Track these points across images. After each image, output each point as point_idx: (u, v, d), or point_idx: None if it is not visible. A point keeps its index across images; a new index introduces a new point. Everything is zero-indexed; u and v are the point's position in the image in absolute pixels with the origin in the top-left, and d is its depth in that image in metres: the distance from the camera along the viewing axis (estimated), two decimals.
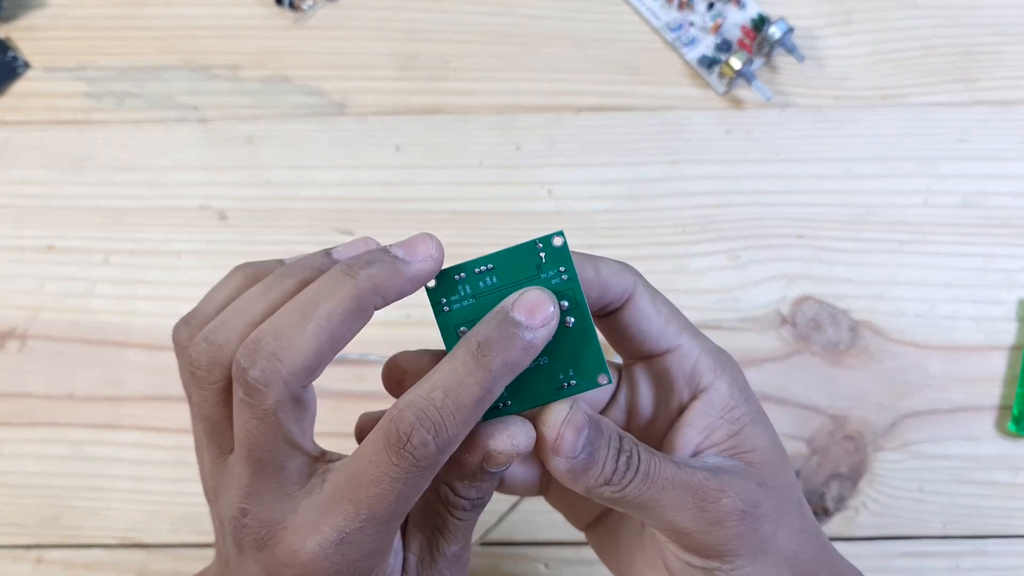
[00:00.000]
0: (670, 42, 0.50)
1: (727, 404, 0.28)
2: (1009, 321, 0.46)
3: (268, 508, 0.25)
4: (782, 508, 0.28)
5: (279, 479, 0.25)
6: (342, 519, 0.24)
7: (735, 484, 0.27)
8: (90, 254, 0.47)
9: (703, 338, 0.30)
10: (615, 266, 0.28)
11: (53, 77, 0.50)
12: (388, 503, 0.24)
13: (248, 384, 0.24)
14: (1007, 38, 0.50)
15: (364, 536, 0.25)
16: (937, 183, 0.48)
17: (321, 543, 0.24)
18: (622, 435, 0.27)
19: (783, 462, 0.29)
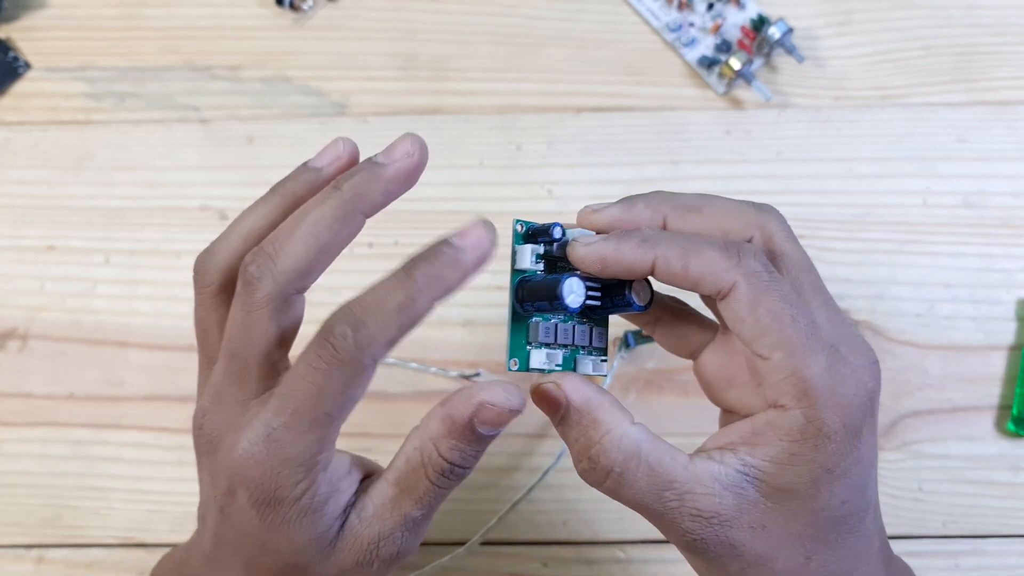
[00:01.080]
0: (670, 42, 0.50)
1: (791, 434, 0.26)
2: (1008, 321, 0.46)
3: (224, 412, 0.27)
4: (772, 552, 0.27)
5: (243, 382, 0.27)
6: (271, 413, 0.26)
7: (709, 523, 0.26)
8: (91, 254, 0.47)
9: (811, 357, 0.26)
10: (714, 262, 0.27)
11: (54, 77, 0.50)
12: (310, 397, 0.25)
13: (245, 278, 0.27)
14: (1007, 38, 0.50)
15: (289, 434, 0.26)
16: (937, 183, 0.48)
17: (251, 439, 0.26)
18: (600, 442, 0.27)
19: (816, 516, 0.27)
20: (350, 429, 0.45)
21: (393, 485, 0.28)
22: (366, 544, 0.28)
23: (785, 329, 0.26)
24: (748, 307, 0.26)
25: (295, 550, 0.27)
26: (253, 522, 0.27)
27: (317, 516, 0.27)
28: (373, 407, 0.44)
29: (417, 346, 0.45)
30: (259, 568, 0.28)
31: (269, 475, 0.26)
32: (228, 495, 0.27)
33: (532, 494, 0.41)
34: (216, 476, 0.27)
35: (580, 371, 0.29)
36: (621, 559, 0.42)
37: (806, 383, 0.26)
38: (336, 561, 0.28)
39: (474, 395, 0.27)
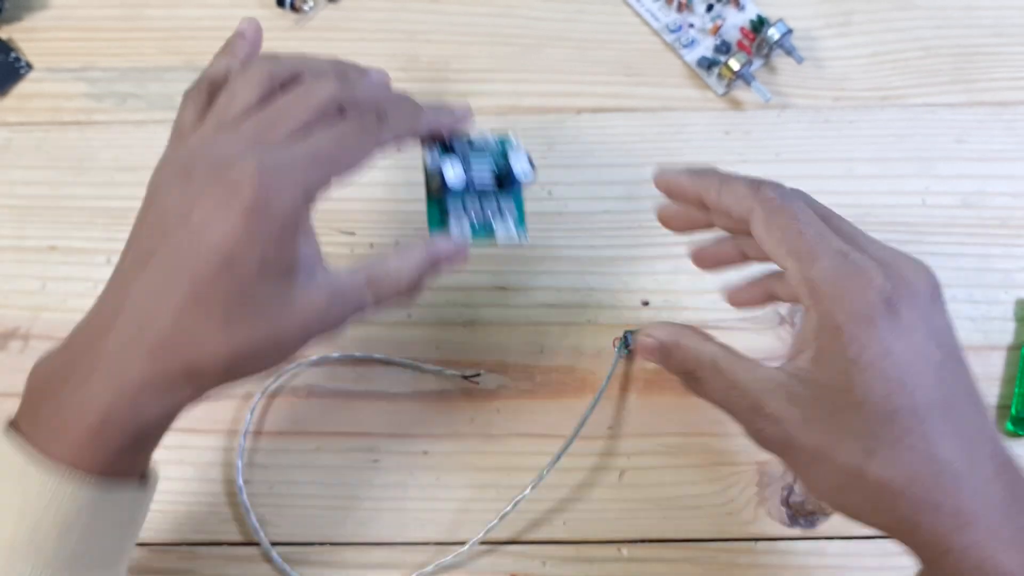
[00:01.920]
0: (669, 43, 0.51)
1: (814, 333, 0.30)
2: (1007, 321, 0.46)
3: (241, 140, 0.33)
4: (828, 445, 0.30)
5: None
6: (300, 148, 0.32)
7: (764, 414, 0.31)
8: (92, 254, 0.47)
9: (817, 260, 0.31)
10: (738, 192, 0.33)
11: (55, 78, 0.50)
12: (333, 141, 0.33)
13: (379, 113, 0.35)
14: (1006, 39, 0.51)
15: (305, 163, 0.32)
16: (936, 184, 0.48)
17: (272, 157, 0.31)
18: (689, 353, 0.34)
19: (861, 410, 0.30)
20: (351, 429, 0.45)
21: (365, 277, 0.34)
22: (320, 301, 0.32)
23: (793, 240, 0.31)
24: (764, 226, 0.32)
25: (264, 269, 0.30)
26: (236, 224, 0.30)
27: (292, 243, 0.31)
28: (373, 407, 0.44)
29: (417, 346, 0.45)
30: (210, 288, 0.30)
31: (276, 186, 0.30)
32: (232, 190, 0.30)
33: (532, 493, 0.41)
34: (215, 182, 0.30)
35: (499, 233, 0.38)
36: (621, 558, 0.42)
37: (812, 283, 0.30)
38: (286, 300, 0.31)
39: (454, 243, 0.36)
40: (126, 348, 0.30)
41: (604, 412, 0.44)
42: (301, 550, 0.42)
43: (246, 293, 0.30)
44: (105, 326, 0.31)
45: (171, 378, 0.30)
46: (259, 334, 0.31)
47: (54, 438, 0.30)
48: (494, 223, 0.38)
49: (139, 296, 0.31)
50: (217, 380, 0.31)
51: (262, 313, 0.31)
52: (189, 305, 0.30)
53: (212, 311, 0.30)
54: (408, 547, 0.42)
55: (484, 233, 0.38)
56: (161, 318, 0.30)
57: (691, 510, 0.43)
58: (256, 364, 0.32)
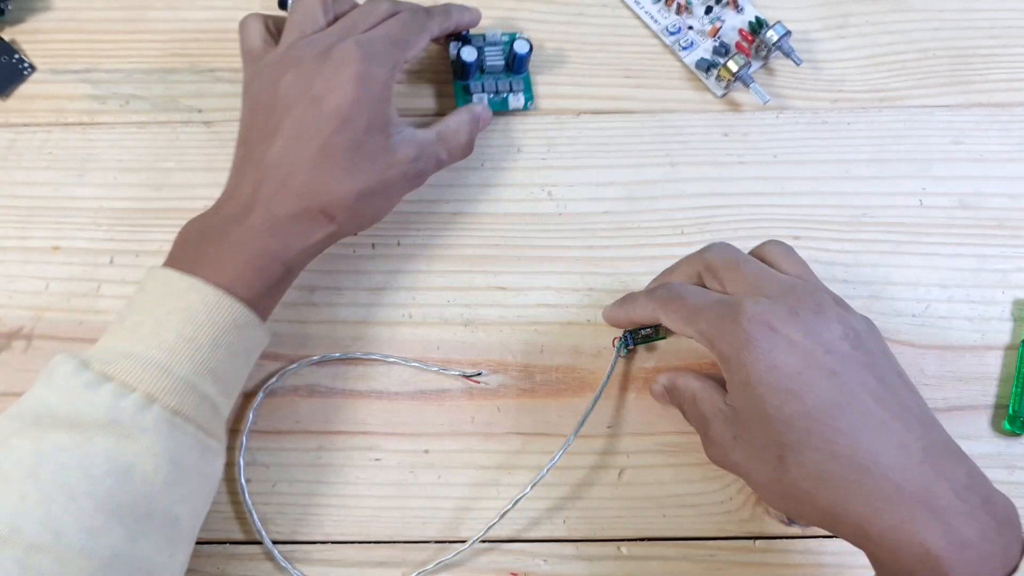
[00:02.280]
0: (668, 45, 0.51)
1: (724, 370, 0.37)
2: (1004, 321, 0.46)
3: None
4: (751, 458, 0.37)
5: None
6: (382, 28, 0.44)
7: (708, 435, 0.39)
8: (95, 255, 0.47)
9: (699, 318, 0.37)
10: (644, 307, 0.41)
11: (59, 79, 0.50)
12: (405, 24, 0.44)
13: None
14: (1002, 41, 0.51)
15: (394, 35, 0.43)
16: (933, 184, 0.48)
17: (369, 36, 0.42)
18: (682, 388, 0.41)
19: (769, 424, 0.35)
20: (352, 428, 0.45)
21: (436, 133, 0.44)
22: (411, 153, 0.42)
23: (684, 315, 0.38)
24: (666, 319, 0.39)
25: (370, 126, 0.40)
26: (348, 91, 0.39)
27: (387, 107, 0.41)
28: (374, 406, 0.44)
29: (418, 345, 0.45)
30: (334, 143, 0.39)
31: (373, 60, 0.40)
32: (340, 64, 0.40)
33: (532, 492, 0.41)
34: (325, 60, 0.40)
35: (511, 104, 0.49)
36: (620, 556, 0.43)
37: (705, 336, 0.36)
38: (388, 152, 0.41)
39: (485, 110, 0.47)
40: (277, 193, 0.39)
41: (604, 411, 0.44)
42: (303, 548, 0.42)
43: (360, 146, 0.40)
44: (254, 183, 0.39)
45: (312, 214, 0.39)
46: (373, 177, 0.40)
47: (216, 270, 0.37)
48: (507, 97, 0.49)
49: (277, 157, 0.39)
50: (346, 216, 0.40)
51: (373, 161, 0.40)
52: (320, 158, 0.39)
53: (338, 161, 0.39)
54: (409, 545, 0.43)
55: (499, 105, 0.49)
56: (301, 169, 0.39)
57: (690, 508, 0.43)
58: (372, 205, 0.41)
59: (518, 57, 0.48)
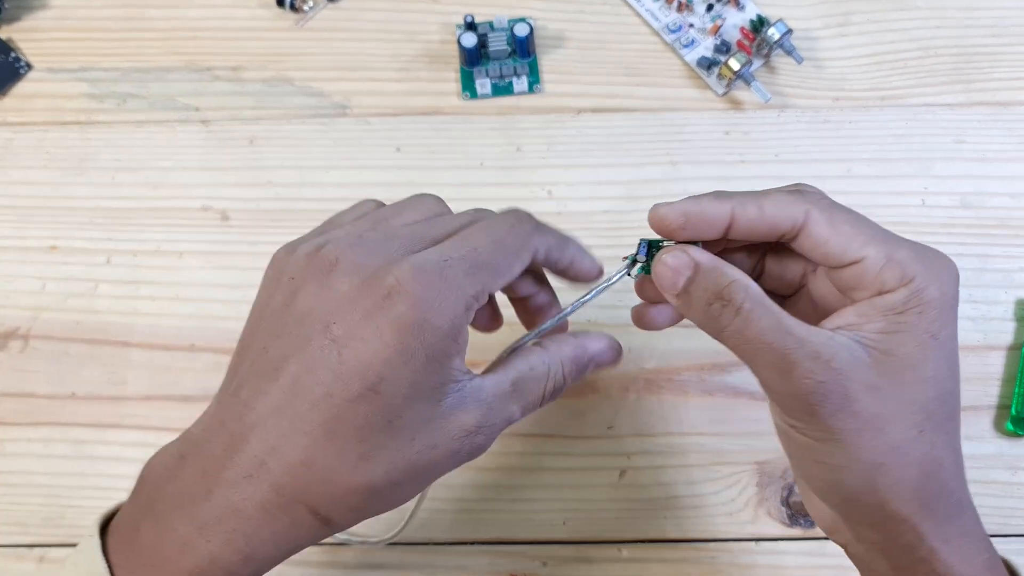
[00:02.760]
0: (669, 43, 0.51)
1: (895, 307, 0.28)
2: (1007, 321, 0.46)
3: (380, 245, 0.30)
4: (886, 416, 0.28)
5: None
6: (447, 247, 0.29)
7: (828, 366, 0.28)
8: (93, 254, 0.47)
9: (898, 245, 0.29)
10: (783, 200, 0.30)
11: (56, 78, 0.50)
12: (491, 243, 0.30)
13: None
14: (1005, 39, 0.51)
15: (463, 266, 0.28)
16: (935, 184, 0.48)
17: (424, 259, 0.28)
18: (733, 284, 0.29)
19: (926, 386, 0.29)
20: None
21: (511, 383, 0.30)
22: (467, 427, 0.28)
23: (868, 229, 0.29)
24: (827, 225, 0.29)
25: (413, 392, 0.27)
26: (388, 344, 0.26)
27: (447, 362, 0.27)
28: None
29: None
30: (350, 415, 0.27)
31: (437, 298, 0.27)
32: (384, 300, 0.27)
33: (533, 494, 0.41)
34: (363, 288, 0.27)
35: (516, 88, 0.49)
36: (621, 558, 0.42)
37: (903, 264, 0.29)
38: (434, 426, 0.28)
39: (604, 338, 0.33)
40: (248, 480, 0.27)
41: (604, 412, 0.44)
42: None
43: (391, 421, 0.27)
44: (226, 445, 0.27)
45: (294, 518, 0.27)
46: (400, 467, 0.27)
47: (149, 571, 0.27)
48: (512, 81, 0.49)
49: (267, 415, 0.27)
50: (346, 521, 0.28)
51: (405, 442, 0.27)
52: (324, 435, 0.26)
53: (348, 442, 0.26)
54: (409, 547, 0.42)
55: (505, 90, 0.49)
56: (291, 448, 0.27)
57: (691, 510, 0.43)
58: (391, 499, 0.29)
59: (519, 40, 0.48)
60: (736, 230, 0.30)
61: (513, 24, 0.49)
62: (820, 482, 0.30)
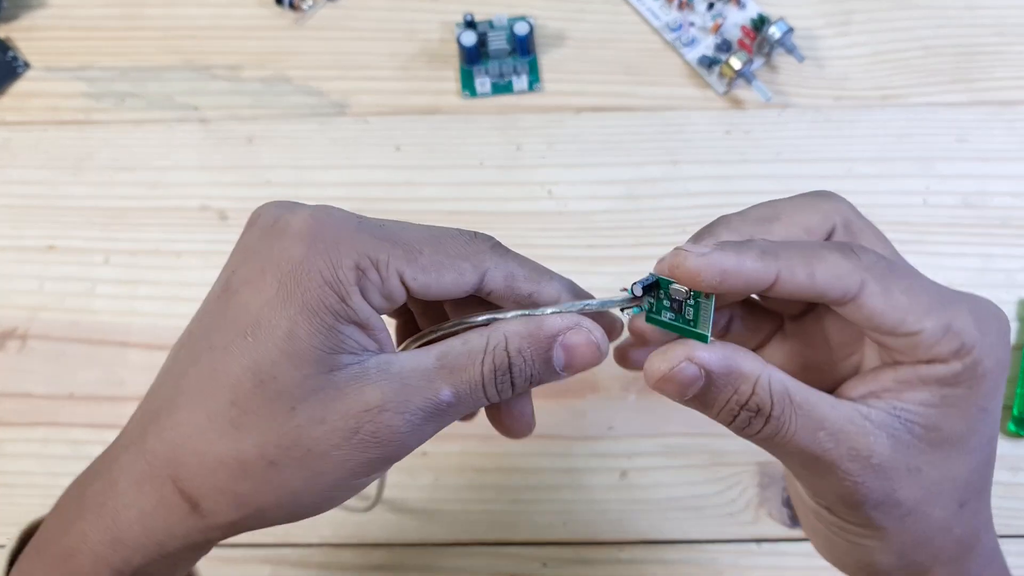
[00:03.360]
0: (670, 42, 0.50)
1: (946, 379, 0.25)
2: (1009, 321, 0.46)
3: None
4: (929, 499, 0.26)
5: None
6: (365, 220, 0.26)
7: (868, 463, 0.25)
8: (91, 254, 0.47)
9: (957, 311, 0.25)
10: (837, 267, 0.25)
11: (53, 77, 0.50)
12: (418, 230, 0.26)
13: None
14: (1007, 39, 0.50)
15: (373, 225, 0.26)
16: (937, 183, 0.48)
17: (330, 209, 0.26)
18: (758, 393, 0.25)
19: (971, 458, 0.26)
20: None
21: (436, 358, 0.25)
22: (367, 403, 0.24)
23: (924, 299, 0.25)
24: (883, 298, 0.25)
25: (288, 352, 0.23)
26: (265, 280, 0.24)
27: (333, 323, 0.24)
28: None
29: None
30: (224, 370, 0.23)
31: (321, 239, 0.24)
32: (275, 240, 0.24)
33: (533, 495, 0.41)
34: (264, 233, 0.25)
35: (515, 86, 0.48)
36: (621, 559, 0.42)
37: (962, 336, 0.25)
38: (322, 396, 0.24)
39: (573, 316, 0.26)
40: (126, 449, 0.25)
41: (605, 412, 0.44)
42: (300, 552, 0.42)
43: (263, 381, 0.23)
44: (139, 416, 0.26)
45: (162, 495, 0.24)
46: (274, 440, 0.23)
47: (33, 557, 0.26)
48: (512, 80, 0.49)
49: (160, 379, 0.25)
50: (218, 508, 0.24)
51: (283, 411, 0.23)
52: (197, 393, 0.24)
53: (220, 404, 0.23)
54: (408, 548, 0.42)
55: (504, 89, 0.49)
56: (166, 409, 0.24)
57: (692, 511, 0.43)
58: (273, 486, 0.24)
59: (519, 38, 0.48)
60: (778, 292, 0.25)
61: (513, 23, 0.49)
62: (850, 560, 0.28)
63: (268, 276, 0.24)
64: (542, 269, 0.27)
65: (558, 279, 0.28)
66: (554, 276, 0.28)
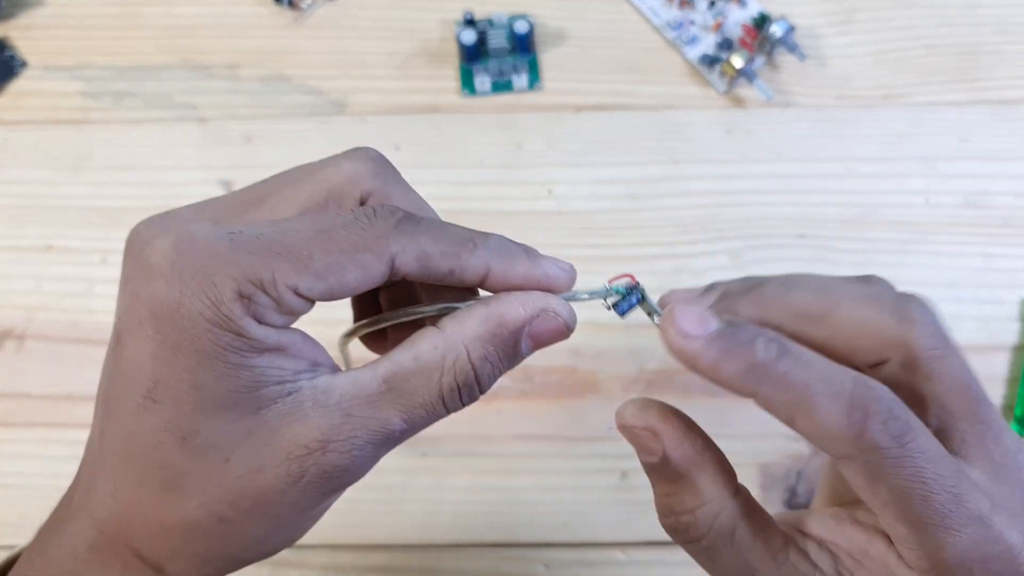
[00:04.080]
0: (671, 41, 0.50)
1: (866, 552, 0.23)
2: (1011, 321, 0.45)
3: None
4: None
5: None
6: (252, 222, 0.22)
7: (990, 533, 0.22)
8: (89, 254, 0.46)
9: (950, 536, 0.21)
10: (831, 425, 0.21)
11: (51, 76, 0.49)
12: (321, 229, 0.22)
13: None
14: (1008, 37, 0.50)
15: (266, 232, 0.21)
16: (938, 183, 0.48)
17: (204, 228, 0.21)
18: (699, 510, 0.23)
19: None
20: None
21: (383, 380, 0.22)
22: (307, 443, 0.21)
23: (912, 507, 0.21)
24: (866, 482, 0.21)
25: (202, 405, 0.20)
26: (146, 330, 0.20)
27: (242, 359, 0.21)
28: None
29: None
30: (145, 433, 0.21)
31: (190, 270, 0.20)
32: (143, 277, 0.21)
33: (533, 496, 0.41)
34: (131, 265, 0.21)
35: (515, 85, 0.49)
36: (622, 561, 0.42)
37: (939, 564, 0.22)
38: (255, 442, 0.21)
39: (536, 300, 0.22)
40: (76, 517, 0.23)
41: (605, 412, 0.44)
42: (300, 553, 0.42)
43: (185, 438, 0.21)
44: (82, 476, 0.24)
45: (125, 561, 0.22)
46: (217, 496, 0.21)
47: None
48: (512, 78, 0.49)
49: (90, 443, 0.23)
50: (184, 569, 0.22)
51: (217, 465, 0.21)
52: (123, 459, 0.21)
53: (148, 468, 0.21)
54: (409, 549, 0.42)
55: (504, 87, 0.49)
56: (100, 475, 0.22)
57: None
58: (238, 539, 0.22)
59: (519, 37, 0.48)
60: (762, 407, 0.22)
61: (513, 21, 0.49)
62: None
63: (147, 326, 0.20)
64: (461, 237, 0.22)
65: (482, 246, 0.23)
66: (478, 243, 0.23)
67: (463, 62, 0.49)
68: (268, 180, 0.25)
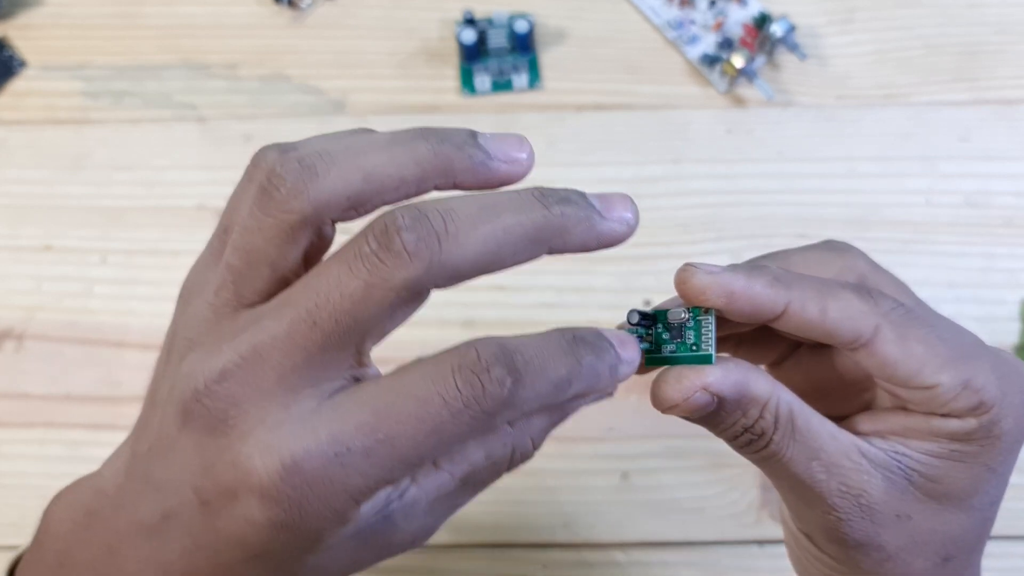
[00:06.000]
0: (671, 40, 0.50)
1: (958, 435, 0.24)
2: (1012, 321, 0.45)
3: (263, 387, 0.21)
4: (913, 549, 0.25)
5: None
6: (352, 426, 0.21)
7: (857, 503, 0.24)
8: (88, 254, 0.46)
9: (977, 367, 0.24)
10: (851, 308, 0.24)
11: (50, 76, 0.49)
12: (421, 426, 0.21)
13: (393, 250, 0.21)
14: (1010, 37, 0.50)
15: (366, 463, 0.21)
16: (939, 183, 0.48)
17: (309, 449, 0.20)
18: (764, 417, 0.24)
19: (967, 516, 0.26)
20: None
21: (459, 480, 0.24)
22: (401, 543, 0.24)
23: (943, 351, 0.24)
24: (897, 345, 0.24)
25: (298, 552, 0.22)
26: (260, 532, 0.21)
27: (341, 534, 0.22)
28: None
29: (416, 346, 0.44)
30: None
31: (312, 501, 0.20)
32: (226, 498, 0.21)
33: (532, 496, 0.40)
34: (215, 466, 0.21)
35: (516, 84, 0.49)
36: (622, 561, 0.42)
37: (980, 393, 0.24)
38: (352, 554, 0.24)
39: (598, 372, 0.23)
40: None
41: (606, 413, 0.44)
42: None
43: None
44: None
45: None
46: None
47: None
48: (512, 78, 0.49)
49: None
50: None
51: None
52: None
53: None
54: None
55: (504, 87, 0.49)
56: None
57: (693, 513, 0.43)
58: None
59: (519, 36, 0.48)
60: (784, 324, 0.24)
61: (513, 20, 0.49)
62: None
63: (257, 528, 0.21)
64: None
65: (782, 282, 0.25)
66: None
67: (463, 62, 0.49)
68: None
